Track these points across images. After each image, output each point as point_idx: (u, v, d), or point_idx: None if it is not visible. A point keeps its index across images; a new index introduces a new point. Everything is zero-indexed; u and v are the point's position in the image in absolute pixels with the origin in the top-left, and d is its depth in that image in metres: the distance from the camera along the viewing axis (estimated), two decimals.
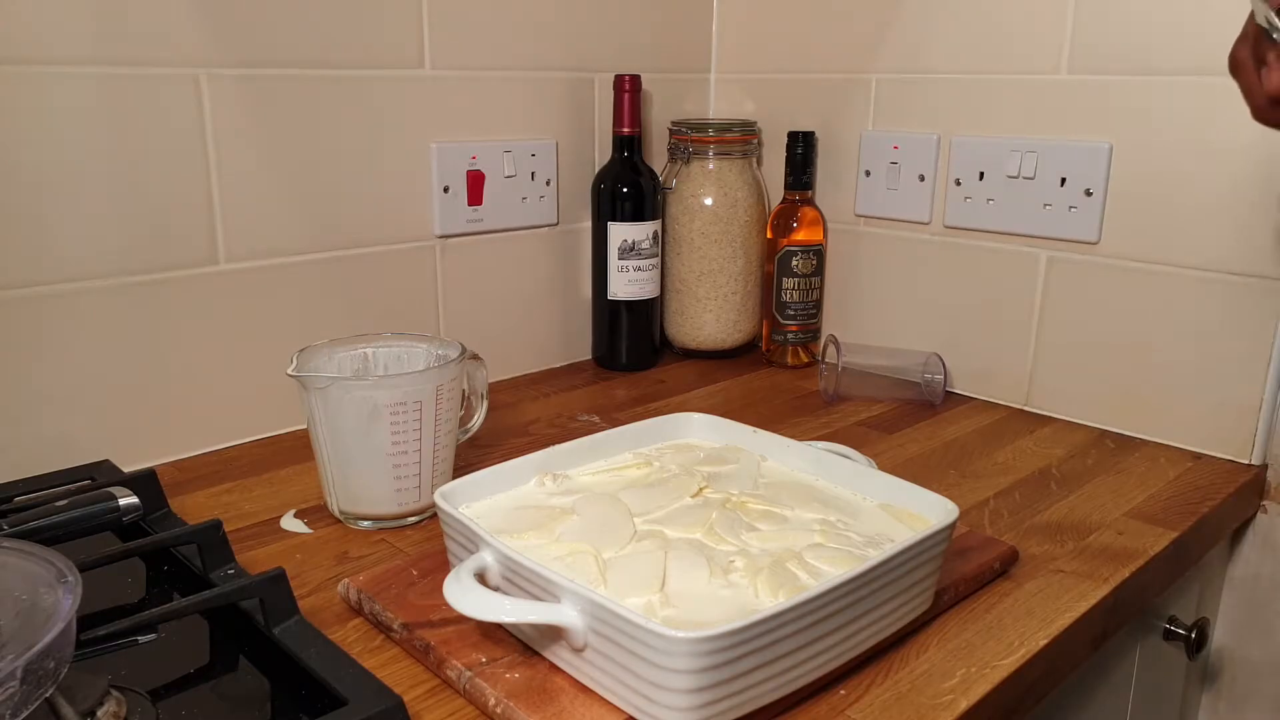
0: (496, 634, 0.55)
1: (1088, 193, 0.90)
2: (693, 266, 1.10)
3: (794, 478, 0.67)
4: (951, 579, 0.61)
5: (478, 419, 0.79)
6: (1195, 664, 0.91)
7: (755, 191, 1.11)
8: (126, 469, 0.73)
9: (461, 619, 0.55)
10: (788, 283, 1.09)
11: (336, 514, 0.72)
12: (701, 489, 0.64)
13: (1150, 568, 0.69)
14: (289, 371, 0.67)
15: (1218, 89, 0.82)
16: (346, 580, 0.61)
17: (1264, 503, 0.86)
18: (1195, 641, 0.82)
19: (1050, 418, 0.96)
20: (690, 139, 1.09)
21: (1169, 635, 0.83)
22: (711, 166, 1.09)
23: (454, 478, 0.66)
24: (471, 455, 0.81)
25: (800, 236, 1.08)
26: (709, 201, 1.08)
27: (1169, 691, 0.90)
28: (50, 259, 0.73)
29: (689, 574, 0.54)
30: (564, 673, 0.52)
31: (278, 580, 0.54)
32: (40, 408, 0.75)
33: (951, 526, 0.56)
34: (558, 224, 1.07)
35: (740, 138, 1.09)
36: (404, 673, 0.54)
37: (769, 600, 0.51)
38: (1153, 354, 0.89)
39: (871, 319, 1.09)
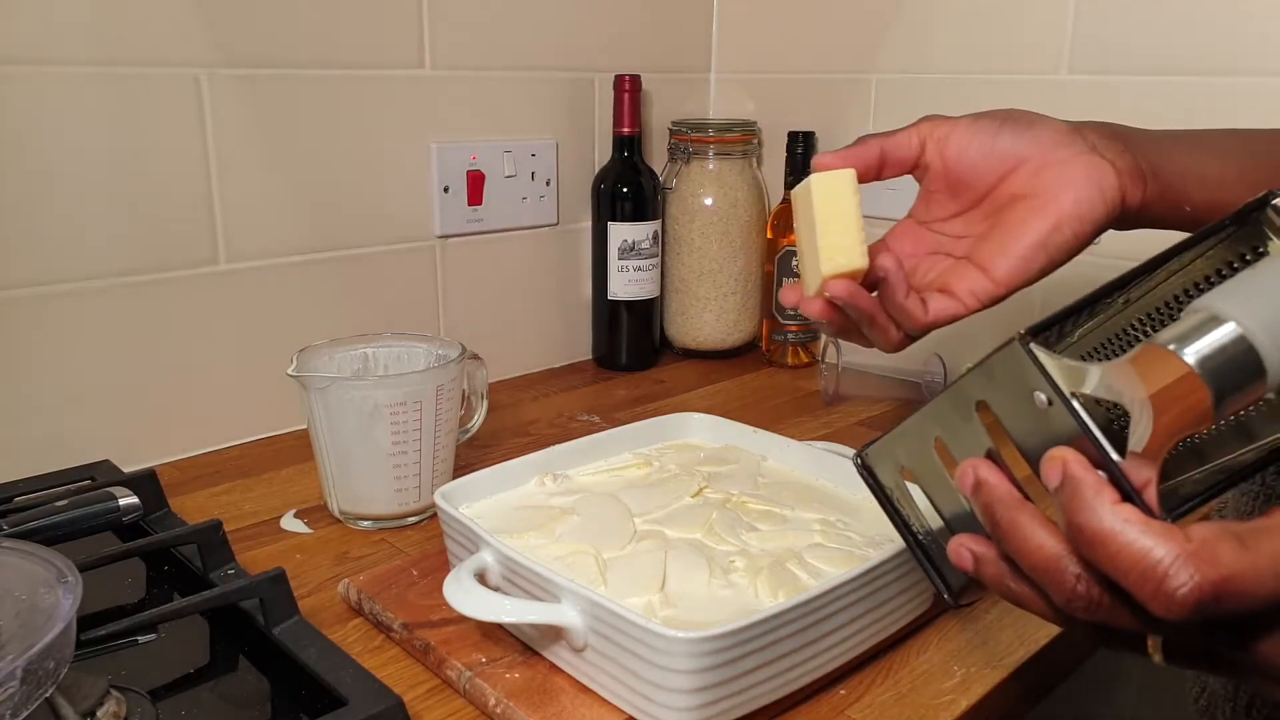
0: (496, 634, 0.55)
1: None
2: (693, 266, 1.10)
3: (794, 478, 0.67)
4: None
5: (478, 419, 0.79)
6: None
7: (755, 191, 1.11)
8: (126, 469, 0.73)
9: (461, 619, 0.55)
10: (788, 283, 1.09)
11: (336, 514, 0.72)
12: (701, 489, 0.64)
13: None
14: (289, 371, 0.67)
15: (1218, 89, 0.82)
16: (346, 580, 0.61)
17: None
18: None
19: None
20: (690, 139, 1.09)
21: None
22: (711, 166, 1.09)
23: (454, 478, 0.66)
24: (471, 455, 0.81)
25: None
26: (709, 201, 1.08)
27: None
28: (50, 259, 0.73)
29: (689, 574, 0.54)
30: (564, 673, 0.52)
31: (278, 580, 0.54)
32: (40, 407, 0.75)
33: None
34: (558, 224, 1.07)
35: (740, 138, 1.09)
36: (404, 673, 0.54)
37: (769, 600, 0.51)
38: None
39: None
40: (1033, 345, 0.35)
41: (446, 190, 0.95)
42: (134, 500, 0.63)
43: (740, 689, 0.47)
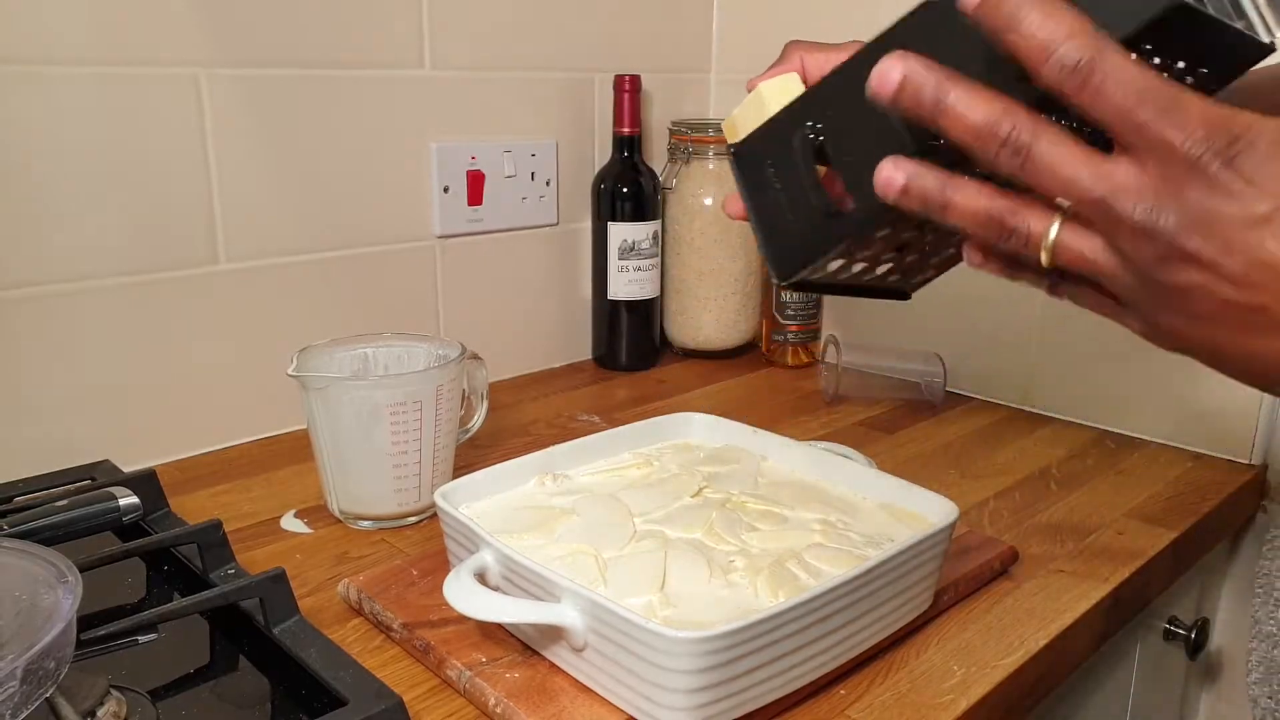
0: (496, 634, 0.55)
1: None
2: (693, 266, 1.10)
3: (794, 478, 0.67)
4: (951, 579, 0.61)
5: (478, 419, 0.79)
6: (1195, 664, 0.91)
7: None
8: (126, 469, 0.73)
9: (461, 619, 0.55)
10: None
11: (336, 514, 0.72)
12: (701, 489, 0.64)
13: (1150, 568, 0.69)
14: (289, 371, 0.67)
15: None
16: (346, 580, 0.61)
17: (1264, 502, 0.86)
18: (1195, 641, 0.82)
19: (1050, 418, 0.96)
20: (690, 139, 1.09)
21: (1169, 635, 0.83)
22: (711, 166, 1.09)
23: (454, 478, 0.66)
24: (471, 455, 0.81)
25: None
26: (709, 201, 1.08)
27: (1169, 692, 0.90)
28: (50, 259, 0.73)
29: (689, 574, 0.54)
30: (564, 673, 0.52)
31: (278, 580, 0.54)
32: (40, 407, 0.75)
33: (952, 526, 0.56)
34: (558, 224, 1.07)
35: None
36: (404, 672, 0.54)
37: (769, 600, 0.51)
38: (1152, 354, 0.88)
39: (871, 319, 1.09)
40: None
41: (446, 190, 0.95)
42: (134, 500, 0.63)
43: (740, 689, 0.47)
